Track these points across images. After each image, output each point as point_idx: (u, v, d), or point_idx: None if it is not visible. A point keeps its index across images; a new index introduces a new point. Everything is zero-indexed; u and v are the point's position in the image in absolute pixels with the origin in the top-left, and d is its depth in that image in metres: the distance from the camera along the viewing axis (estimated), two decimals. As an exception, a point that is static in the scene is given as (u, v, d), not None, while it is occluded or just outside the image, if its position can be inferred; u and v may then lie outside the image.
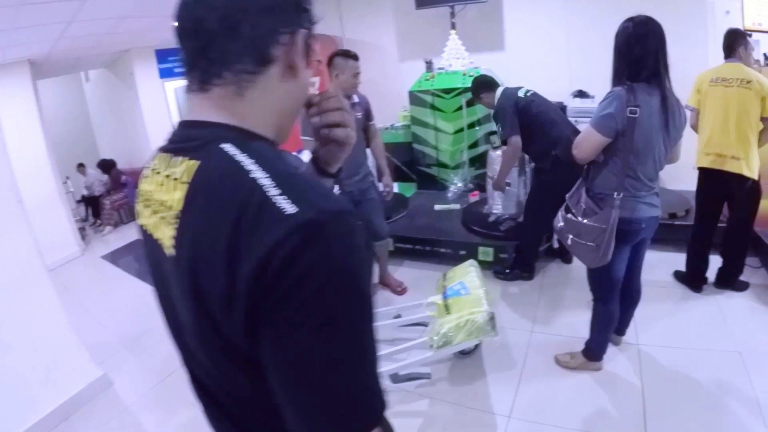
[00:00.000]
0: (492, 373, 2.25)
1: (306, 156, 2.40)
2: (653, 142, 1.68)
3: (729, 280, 2.60)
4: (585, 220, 1.79)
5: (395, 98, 4.60)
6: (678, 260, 2.79)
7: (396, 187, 4.63)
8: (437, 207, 3.87)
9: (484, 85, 3.02)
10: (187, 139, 0.56)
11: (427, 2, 4.13)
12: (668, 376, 2.07)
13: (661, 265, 2.90)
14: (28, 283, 2.26)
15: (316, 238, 0.43)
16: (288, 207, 0.44)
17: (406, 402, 2.14)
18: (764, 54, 3.31)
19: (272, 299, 0.43)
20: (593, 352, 2.13)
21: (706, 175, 2.51)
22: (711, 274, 2.65)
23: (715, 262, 2.63)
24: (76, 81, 7.83)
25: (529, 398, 2.06)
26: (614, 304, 2.02)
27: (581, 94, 3.24)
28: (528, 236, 2.99)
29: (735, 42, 2.39)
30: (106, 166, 6.63)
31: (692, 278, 2.66)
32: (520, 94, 2.83)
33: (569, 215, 1.88)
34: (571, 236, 1.87)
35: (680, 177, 3.52)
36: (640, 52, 1.64)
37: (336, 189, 2.31)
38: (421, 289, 2.95)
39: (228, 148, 0.51)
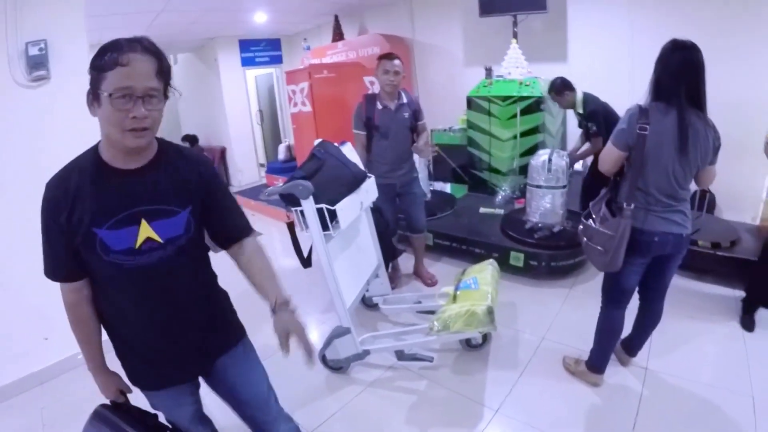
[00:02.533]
0: (493, 369, 2.34)
1: (348, 148, 2.62)
2: (664, 160, 1.70)
3: None
4: (599, 226, 1.87)
5: (457, 102, 4.71)
6: (715, 292, 2.64)
7: (448, 188, 4.79)
8: (482, 210, 3.96)
9: (569, 84, 3.33)
10: None
11: (490, 10, 4.19)
12: (668, 406, 1.99)
13: (694, 295, 2.79)
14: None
15: None
16: None
17: (405, 379, 2.32)
18: None
19: None
20: (593, 362, 2.14)
21: None
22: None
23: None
24: (165, 62, 8.77)
25: (521, 397, 2.12)
26: (618, 313, 2.04)
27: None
28: None
29: None
30: (191, 140, 7.31)
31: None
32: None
33: (589, 221, 1.95)
34: (585, 239, 1.96)
35: (738, 207, 3.25)
36: (663, 73, 1.69)
37: (374, 180, 2.57)
38: (450, 284, 3.08)
39: None
